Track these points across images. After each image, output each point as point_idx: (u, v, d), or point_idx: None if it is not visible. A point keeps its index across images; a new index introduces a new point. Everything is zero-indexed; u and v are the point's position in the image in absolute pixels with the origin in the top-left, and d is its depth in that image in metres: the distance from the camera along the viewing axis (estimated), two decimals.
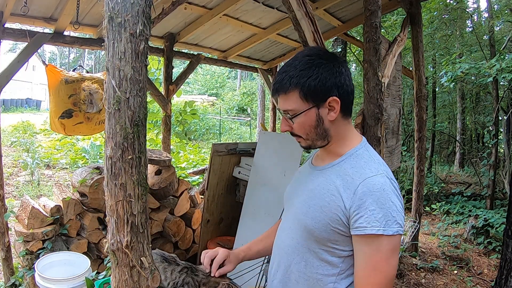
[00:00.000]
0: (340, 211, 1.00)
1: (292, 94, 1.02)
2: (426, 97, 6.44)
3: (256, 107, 19.12)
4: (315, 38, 2.28)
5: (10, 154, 8.62)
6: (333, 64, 1.03)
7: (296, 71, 1.02)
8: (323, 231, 1.04)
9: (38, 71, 22.56)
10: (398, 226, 0.96)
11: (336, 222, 1.01)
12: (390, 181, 1.00)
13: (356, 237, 0.99)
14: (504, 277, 3.12)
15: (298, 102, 1.03)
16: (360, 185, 0.98)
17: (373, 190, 0.97)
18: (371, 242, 0.96)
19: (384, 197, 0.96)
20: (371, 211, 0.95)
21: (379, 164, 1.05)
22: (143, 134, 1.12)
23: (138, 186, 1.11)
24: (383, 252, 0.96)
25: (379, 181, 0.98)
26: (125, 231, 1.10)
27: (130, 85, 1.07)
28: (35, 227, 2.72)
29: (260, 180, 3.31)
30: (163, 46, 4.06)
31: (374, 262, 0.97)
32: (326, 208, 1.03)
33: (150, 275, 1.14)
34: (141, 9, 1.07)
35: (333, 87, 1.02)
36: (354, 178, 1.01)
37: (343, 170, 1.05)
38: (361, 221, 0.96)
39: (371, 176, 0.99)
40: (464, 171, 9.83)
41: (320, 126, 1.05)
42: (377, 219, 0.95)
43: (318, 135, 1.06)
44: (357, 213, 0.97)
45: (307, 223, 1.07)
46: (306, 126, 1.05)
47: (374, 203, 0.96)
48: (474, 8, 10.47)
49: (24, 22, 2.89)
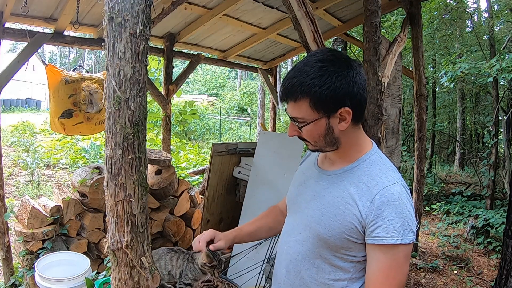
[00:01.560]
0: (356, 219, 0.99)
1: (302, 102, 0.97)
2: (426, 97, 6.44)
3: (256, 107, 19.12)
4: (315, 38, 2.28)
5: (10, 154, 8.62)
6: (347, 72, 0.97)
7: (307, 79, 0.96)
8: (337, 239, 1.02)
9: (38, 71, 22.55)
10: (413, 234, 0.97)
11: (351, 230, 1.00)
12: (406, 190, 1.00)
13: (372, 246, 0.99)
14: (504, 277, 3.11)
15: (308, 111, 0.98)
16: (378, 195, 0.97)
17: (391, 200, 0.96)
18: (388, 251, 0.96)
19: (402, 207, 0.96)
20: (390, 221, 0.95)
21: (393, 172, 1.04)
22: (143, 134, 1.12)
23: (138, 186, 1.11)
24: (398, 261, 0.97)
25: (397, 190, 0.98)
26: (125, 231, 1.10)
27: (130, 85, 1.07)
28: (35, 227, 2.72)
29: (260, 180, 3.31)
30: (163, 46, 4.06)
31: (387, 270, 0.98)
32: (340, 216, 1.01)
33: (150, 275, 1.14)
34: (141, 9, 1.07)
35: (346, 98, 0.97)
36: (370, 186, 1.00)
37: (356, 177, 1.03)
38: (379, 231, 0.96)
39: (389, 186, 0.98)
40: (464, 171, 9.83)
41: (329, 135, 1.02)
42: (395, 229, 0.95)
43: (327, 143, 1.04)
44: (375, 222, 0.96)
45: (320, 231, 1.05)
46: (315, 134, 1.02)
47: (393, 213, 0.95)
48: (474, 8, 10.48)
49: (24, 22, 2.89)
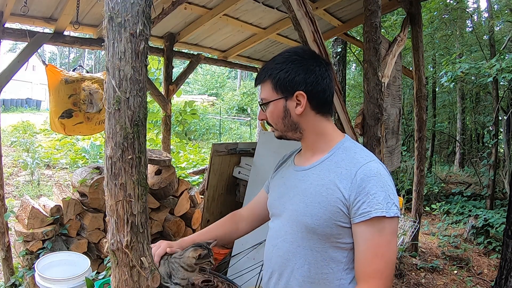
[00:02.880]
0: (340, 202, 1.01)
1: (266, 84, 1.11)
2: (426, 97, 6.44)
3: (256, 107, 19.13)
4: (315, 38, 2.28)
5: (10, 154, 8.62)
6: (308, 62, 1.08)
7: (272, 64, 1.11)
8: (326, 226, 1.03)
9: (38, 71, 22.55)
10: (396, 208, 0.99)
11: (338, 214, 1.02)
12: (383, 167, 1.05)
13: (358, 224, 1.00)
14: (504, 277, 3.11)
15: (270, 92, 1.10)
16: (357, 173, 1.01)
17: (371, 175, 1.00)
18: (373, 226, 0.98)
19: (382, 181, 1.00)
20: (373, 195, 0.98)
21: (369, 152, 1.09)
22: (143, 134, 1.12)
23: (138, 186, 1.11)
24: (385, 235, 0.98)
25: (374, 166, 1.02)
26: (125, 231, 1.10)
27: (130, 85, 1.07)
28: (35, 227, 2.72)
29: (260, 180, 3.31)
30: (163, 46, 4.06)
31: (375, 246, 0.98)
32: (324, 203, 1.03)
33: (150, 275, 1.14)
34: (141, 9, 1.07)
35: (302, 83, 1.07)
36: (348, 168, 1.03)
37: (334, 163, 1.07)
38: (364, 207, 0.98)
39: (366, 163, 1.03)
40: (464, 171, 9.83)
41: (287, 118, 1.10)
42: (379, 202, 0.97)
43: (286, 126, 1.11)
44: (359, 200, 0.99)
45: (308, 222, 1.06)
46: (274, 116, 1.11)
47: (374, 187, 0.98)
48: (474, 8, 10.48)
49: (24, 22, 2.89)
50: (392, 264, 1.00)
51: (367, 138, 2.67)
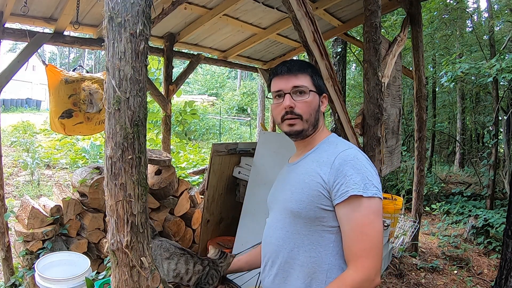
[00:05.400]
0: (320, 186, 1.09)
1: (306, 75, 1.20)
2: (426, 97, 6.44)
3: (256, 107, 19.12)
4: (315, 38, 2.28)
5: (10, 154, 8.62)
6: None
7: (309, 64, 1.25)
8: (309, 210, 1.10)
9: (38, 71, 22.57)
10: (376, 189, 1.05)
11: (319, 198, 1.09)
12: (362, 153, 1.14)
13: (339, 206, 1.06)
14: (504, 277, 3.11)
15: (310, 84, 1.20)
16: (336, 159, 1.10)
17: (348, 160, 1.08)
18: (353, 205, 1.04)
19: (359, 164, 1.07)
20: (349, 176, 1.05)
21: (350, 144, 1.19)
22: (143, 134, 1.12)
23: (138, 186, 1.11)
24: (368, 217, 1.03)
25: (352, 152, 1.11)
26: (125, 231, 1.10)
27: (130, 85, 1.07)
28: (35, 227, 2.72)
29: (260, 180, 3.31)
30: (163, 46, 4.06)
31: (358, 225, 1.03)
32: (307, 188, 1.12)
33: (150, 275, 1.14)
34: (141, 9, 1.07)
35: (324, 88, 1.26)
36: (329, 156, 1.13)
37: (317, 154, 1.18)
38: (342, 188, 1.05)
39: (344, 150, 1.12)
40: (464, 171, 9.82)
41: (318, 112, 1.21)
42: (356, 182, 1.04)
43: (315, 120, 1.20)
44: (337, 182, 1.06)
45: (293, 207, 1.14)
46: (312, 106, 1.18)
47: (351, 169, 1.06)
48: (474, 8, 10.48)
49: (24, 22, 2.88)
50: (379, 243, 1.03)
51: (367, 138, 2.67)
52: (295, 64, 1.21)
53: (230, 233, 3.69)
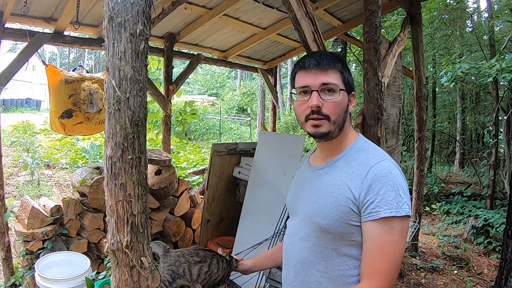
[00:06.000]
0: (350, 202, 1.02)
1: (336, 72, 1.09)
2: (426, 97, 6.44)
3: (256, 107, 19.12)
4: (315, 38, 2.28)
5: (10, 154, 8.62)
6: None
7: (339, 59, 1.12)
8: (338, 226, 1.04)
9: (38, 71, 22.54)
10: (407, 207, 0.98)
11: (349, 214, 1.02)
12: (395, 166, 1.04)
13: (367, 223, 1.00)
14: (504, 277, 3.11)
15: (340, 81, 1.09)
16: (368, 173, 1.01)
17: (381, 175, 1.00)
18: (383, 226, 0.97)
19: (393, 180, 0.99)
20: (382, 195, 0.98)
21: (381, 152, 1.09)
22: (143, 134, 1.12)
23: (138, 186, 1.11)
24: (393, 236, 0.97)
25: (385, 166, 1.02)
26: (125, 231, 1.10)
27: (130, 85, 1.07)
28: (35, 227, 2.72)
29: (260, 180, 3.31)
30: (163, 46, 4.06)
31: (381, 244, 0.98)
32: (336, 203, 1.04)
33: (150, 275, 1.14)
34: (141, 9, 1.07)
35: (353, 85, 1.15)
36: (360, 168, 1.04)
37: (346, 163, 1.08)
38: (373, 206, 0.98)
39: (377, 163, 1.03)
40: (464, 171, 9.83)
41: (346, 113, 1.11)
42: (388, 202, 0.97)
43: (343, 121, 1.09)
44: (368, 199, 0.99)
45: (321, 222, 1.07)
46: (340, 106, 1.08)
47: (384, 187, 0.98)
48: (474, 8, 10.48)
49: (24, 22, 2.89)
50: (397, 264, 0.99)
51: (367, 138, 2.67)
52: (325, 57, 1.09)
53: (230, 233, 3.69)
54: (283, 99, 18.52)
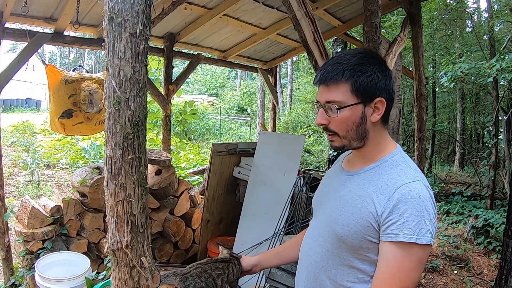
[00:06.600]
0: (372, 217, 0.97)
1: (342, 85, 0.99)
2: (426, 97, 6.43)
3: (256, 107, 19.13)
4: (315, 38, 2.28)
5: (10, 154, 8.62)
6: (385, 66, 1.03)
7: (349, 65, 0.99)
8: (355, 238, 1.00)
9: (38, 71, 22.52)
10: (430, 236, 0.93)
11: (368, 229, 0.98)
12: (427, 189, 0.97)
13: (385, 243, 0.95)
14: (504, 277, 3.11)
15: (347, 95, 0.99)
16: (396, 192, 0.95)
17: (409, 197, 0.94)
18: (400, 250, 0.93)
19: (420, 205, 0.93)
20: (405, 218, 0.92)
21: (415, 171, 1.01)
22: (143, 134, 1.12)
23: (138, 186, 1.11)
24: (409, 263, 0.93)
25: (416, 188, 0.95)
26: (125, 231, 1.10)
27: (130, 85, 1.07)
28: (35, 227, 2.72)
29: (260, 180, 3.31)
30: (163, 46, 4.06)
31: (395, 270, 0.94)
32: (357, 214, 1.00)
33: (150, 275, 1.14)
34: (141, 9, 1.07)
35: (383, 89, 1.01)
36: (389, 184, 0.98)
37: (377, 176, 1.02)
38: (393, 228, 0.93)
39: (408, 183, 0.96)
40: (464, 171, 9.83)
41: (362, 125, 1.01)
42: (410, 227, 0.92)
43: (357, 135, 1.02)
44: (390, 219, 0.94)
45: (338, 230, 1.04)
46: (349, 122, 1.01)
47: (409, 210, 0.92)
48: (474, 8, 10.49)
49: (24, 22, 2.89)
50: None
51: None
52: (330, 70, 1.01)
53: (230, 233, 3.69)
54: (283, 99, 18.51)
